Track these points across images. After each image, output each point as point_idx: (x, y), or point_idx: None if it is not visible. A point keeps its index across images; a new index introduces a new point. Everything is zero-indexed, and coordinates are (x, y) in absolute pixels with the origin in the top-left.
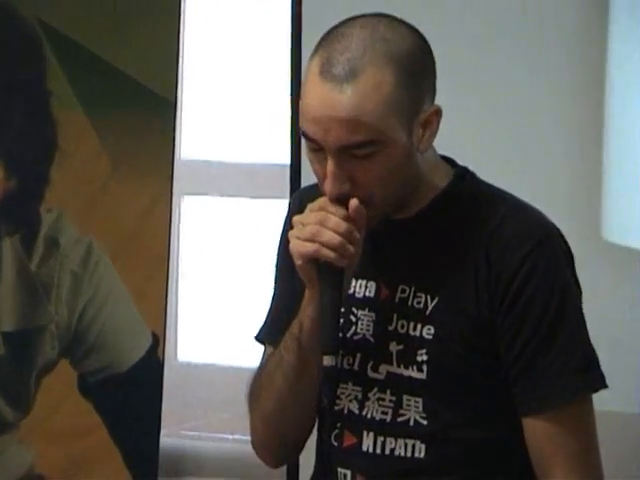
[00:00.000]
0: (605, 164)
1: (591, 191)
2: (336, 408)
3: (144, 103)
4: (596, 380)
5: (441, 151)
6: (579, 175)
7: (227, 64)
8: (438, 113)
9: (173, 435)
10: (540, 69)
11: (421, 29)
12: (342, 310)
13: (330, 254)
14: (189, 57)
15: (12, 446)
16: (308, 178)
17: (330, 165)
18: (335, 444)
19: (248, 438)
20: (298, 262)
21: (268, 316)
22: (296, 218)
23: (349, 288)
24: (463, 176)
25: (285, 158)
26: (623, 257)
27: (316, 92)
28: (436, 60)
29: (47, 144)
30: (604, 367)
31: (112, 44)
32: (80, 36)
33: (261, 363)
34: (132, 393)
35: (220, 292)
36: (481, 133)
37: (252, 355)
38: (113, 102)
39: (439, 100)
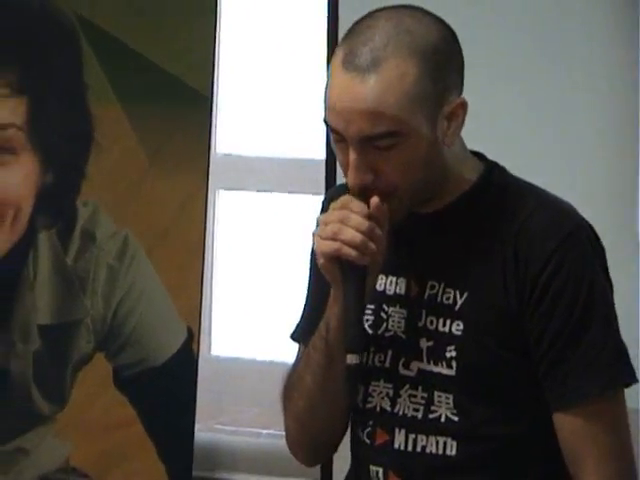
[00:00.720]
0: None
1: (628, 189)
2: (368, 406)
3: (180, 98)
4: (626, 375)
5: (476, 149)
6: (615, 173)
7: (264, 59)
8: (464, 106)
9: (207, 429)
10: (575, 67)
11: (456, 21)
12: (372, 307)
13: (351, 252)
14: (226, 52)
15: (48, 439)
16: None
17: (352, 155)
18: (368, 442)
19: (282, 433)
20: (321, 261)
21: (302, 315)
22: (319, 217)
23: (374, 286)
24: (492, 170)
25: (320, 153)
26: None
27: (338, 82)
28: (473, 55)
29: (84, 138)
30: None
31: (149, 39)
32: (117, 31)
33: (294, 362)
34: (167, 387)
35: (254, 287)
36: (518, 131)
37: (287, 350)
38: (150, 96)
39: (477, 98)
